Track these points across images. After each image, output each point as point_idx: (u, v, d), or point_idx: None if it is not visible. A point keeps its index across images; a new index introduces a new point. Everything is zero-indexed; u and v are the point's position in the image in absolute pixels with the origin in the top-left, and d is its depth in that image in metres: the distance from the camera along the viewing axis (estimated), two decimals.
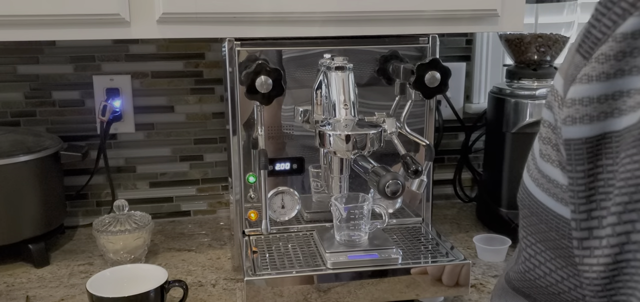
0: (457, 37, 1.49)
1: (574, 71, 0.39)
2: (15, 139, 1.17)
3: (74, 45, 1.31)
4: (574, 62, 0.40)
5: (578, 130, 0.38)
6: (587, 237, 0.38)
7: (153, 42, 1.34)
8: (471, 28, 1.11)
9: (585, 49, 0.39)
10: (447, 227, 1.38)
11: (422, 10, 1.04)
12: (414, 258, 1.01)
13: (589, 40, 0.39)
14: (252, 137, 1.08)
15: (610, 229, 0.36)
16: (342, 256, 0.98)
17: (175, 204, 1.44)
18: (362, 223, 1.01)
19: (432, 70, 0.97)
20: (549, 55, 1.27)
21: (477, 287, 1.07)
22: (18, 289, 1.07)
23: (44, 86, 1.32)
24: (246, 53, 1.05)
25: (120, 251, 1.13)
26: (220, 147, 1.43)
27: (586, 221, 0.38)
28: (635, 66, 0.36)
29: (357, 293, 0.96)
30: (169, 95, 1.38)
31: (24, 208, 1.15)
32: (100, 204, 1.40)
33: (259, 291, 0.93)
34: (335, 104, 0.96)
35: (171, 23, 1.00)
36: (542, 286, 0.45)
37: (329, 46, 1.06)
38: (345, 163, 0.99)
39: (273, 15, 1.01)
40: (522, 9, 1.10)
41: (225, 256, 1.21)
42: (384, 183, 0.84)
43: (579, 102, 0.38)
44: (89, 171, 1.35)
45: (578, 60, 0.39)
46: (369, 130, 0.93)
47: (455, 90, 1.48)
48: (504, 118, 1.25)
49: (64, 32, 0.98)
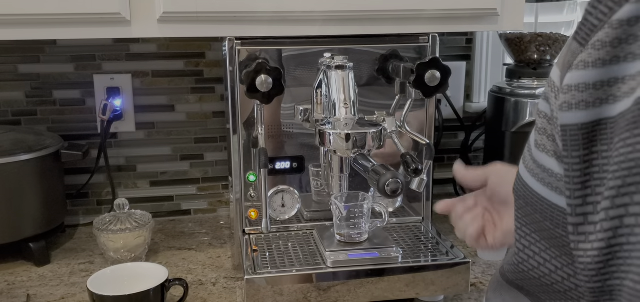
0: (457, 36, 1.49)
1: (571, 58, 0.39)
2: (16, 138, 1.18)
3: (74, 44, 1.31)
4: (571, 49, 0.40)
5: (574, 116, 0.38)
6: (582, 223, 0.38)
7: (154, 42, 1.35)
8: (471, 27, 1.11)
9: (581, 36, 0.39)
10: (447, 226, 1.38)
11: (422, 10, 1.04)
12: (414, 257, 1.01)
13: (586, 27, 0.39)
14: (252, 136, 1.09)
15: (603, 214, 0.36)
16: (342, 254, 0.98)
17: (175, 203, 1.45)
18: (362, 222, 1.01)
19: (432, 70, 0.98)
20: (549, 54, 1.28)
21: (477, 286, 1.07)
22: (19, 288, 1.07)
23: (44, 85, 1.33)
24: (246, 52, 1.05)
25: (121, 249, 1.14)
26: (220, 146, 1.43)
27: (581, 206, 0.38)
28: (631, 53, 0.36)
29: (357, 292, 0.96)
30: (170, 95, 1.38)
31: (25, 207, 1.15)
32: (100, 203, 1.41)
33: (259, 289, 0.93)
34: (335, 102, 0.96)
35: (172, 22, 1.00)
36: (536, 276, 0.45)
37: (329, 45, 1.06)
38: (346, 162, 0.99)
39: (273, 15, 1.01)
40: (522, 8, 1.10)
41: (225, 255, 1.22)
42: (384, 182, 0.84)
43: (575, 88, 0.38)
44: (90, 170, 1.35)
45: (575, 47, 0.40)
46: (369, 129, 0.93)
47: (455, 89, 1.49)
48: (504, 117, 1.26)
49: (65, 31, 0.98)
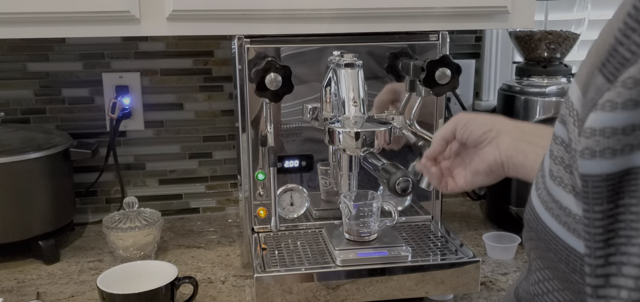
0: (467, 34, 1.48)
1: (595, 95, 0.34)
2: (26, 136, 1.18)
3: (83, 42, 1.32)
4: (595, 83, 0.34)
5: (598, 165, 0.32)
6: (603, 285, 0.33)
7: (162, 40, 1.35)
8: (481, 25, 1.11)
9: (609, 70, 0.33)
10: (456, 225, 1.38)
11: (432, 7, 1.04)
12: (424, 256, 1.01)
13: (615, 59, 0.33)
14: (260, 134, 1.08)
15: (632, 282, 0.31)
16: (351, 253, 0.98)
17: (184, 201, 1.45)
18: (372, 220, 1.01)
19: (442, 67, 0.97)
20: (559, 52, 1.27)
21: (487, 285, 1.06)
22: (29, 286, 1.08)
23: (53, 83, 1.33)
24: (255, 51, 1.05)
25: (130, 247, 1.14)
26: (229, 145, 1.43)
27: (603, 267, 0.33)
28: None
29: (366, 290, 0.95)
30: (178, 93, 1.38)
31: (34, 205, 1.15)
32: (109, 201, 1.41)
33: (268, 287, 0.93)
34: (344, 101, 0.96)
35: (181, 20, 1.00)
36: None
37: (338, 43, 1.06)
38: (355, 160, 0.99)
39: (282, 12, 1.01)
40: (532, 5, 1.09)
41: (234, 253, 1.22)
42: (394, 180, 0.83)
43: (600, 133, 0.32)
44: (99, 168, 1.36)
45: (600, 82, 0.34)
46: (379, 127, 0.93)
47: (464, 87, 1.48)
48: (514, 115, 1.25)
49: (74, 29, 0.98)
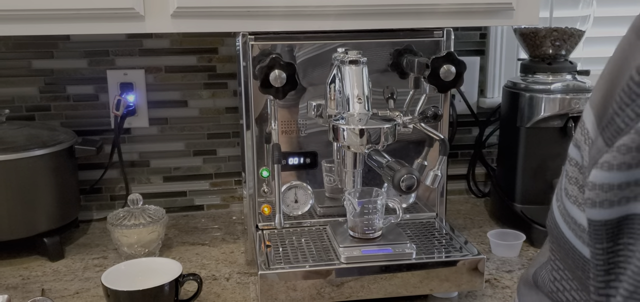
0: (471, 31, 1.48)
1: (596, 154, 0.39)
2: (30, 133, 1.18)
3: (88, 39, 1.32)
4: (596, 145, 0.40)
5: (598, 213, 0.38)
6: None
7: (167, 37, 1.35)
8: (486, 22, 1.10)
9: (608, 136, 0.39)
10: (461, 222, 1.38)
11: (436, 4, 1.04)
12: (428, 253, 1.00)
13: (612, 127, 0.39)
14: (265, 131, 1.08)
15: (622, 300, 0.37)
16: (355, 250, 0.98)
17: (188, 199, 1.45)
18: (376, 218, 1.00)
19: (447, 64, 0.97)
20: (564, 49, 1.26)
21: (492, 283, 1.06)
22: (33, 282, 1.08)
23: (58, 81, 1.33)
24: (259, 48, 1.05)
25: (135, 244, 1.14)
26: (233, 142, 1.43)
27: (604, 289, 0.39)
28: None
29: (370, 288, 0.95)
30: (183, 90, 1.38)
31: (39, 202, 1.16)
32: (114, 198, 1.41)
33: (272, 285, 0.93)
34: (349, 98, 0.95)
35: (185, 17, 1.00)
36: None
37: (342, 40, 1.06)
38: (359, 157, 0.98)
39: (287, 9, 1.00)
40: (537, 2, 1.09)
41: (238, 250, 1.22)
42: (399, 177, 0.83)
43: (599, 188, 0.38)
44: (103, 165, 1.36)
45: (600, 144, 0.39)
46: (383, 125, 0.92)
47: (469, 84, 1.47)
48: (518, 113, 1.24)
49: (79, 26, 0.98)
